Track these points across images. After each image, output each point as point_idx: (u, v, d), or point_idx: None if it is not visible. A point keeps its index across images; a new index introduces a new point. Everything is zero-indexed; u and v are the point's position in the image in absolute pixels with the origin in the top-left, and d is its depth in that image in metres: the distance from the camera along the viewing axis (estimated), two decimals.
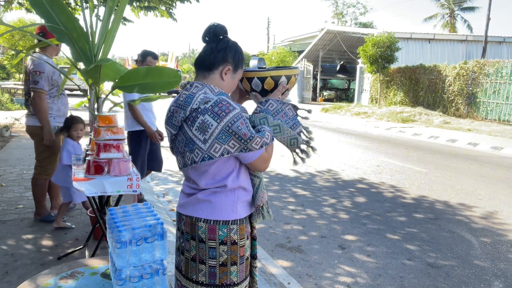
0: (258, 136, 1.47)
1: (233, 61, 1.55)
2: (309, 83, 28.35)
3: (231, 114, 1.43)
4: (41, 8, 2.83)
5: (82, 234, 3.45)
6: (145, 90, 3.12)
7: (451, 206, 5.04)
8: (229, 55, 1.54)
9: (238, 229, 1.53)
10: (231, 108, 1.43)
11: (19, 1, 8.44)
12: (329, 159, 7.81)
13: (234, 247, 1.52)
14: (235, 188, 1.53)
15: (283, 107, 1.64)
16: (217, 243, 1.51)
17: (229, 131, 1.43)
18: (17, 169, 5.59)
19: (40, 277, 1.64)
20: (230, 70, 1.55)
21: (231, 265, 1.52)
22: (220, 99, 1.45)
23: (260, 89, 1.66)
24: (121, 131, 2.66)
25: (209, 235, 1.51)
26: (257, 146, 1.47)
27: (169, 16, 8.46)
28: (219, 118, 1.42)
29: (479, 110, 15.04)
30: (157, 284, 1.49)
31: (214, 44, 1.54)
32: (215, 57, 1.53)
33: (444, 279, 3.11)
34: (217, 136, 1.43)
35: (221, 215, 1.51)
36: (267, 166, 1.58)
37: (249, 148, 1.46)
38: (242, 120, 1.44)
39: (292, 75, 1.67)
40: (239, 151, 1.46)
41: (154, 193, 5.05)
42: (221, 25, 1.57)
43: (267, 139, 1.51)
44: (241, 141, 1.44)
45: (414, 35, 21.43)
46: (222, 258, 1.51)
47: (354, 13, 46.27)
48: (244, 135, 1.43)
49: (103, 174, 2.57)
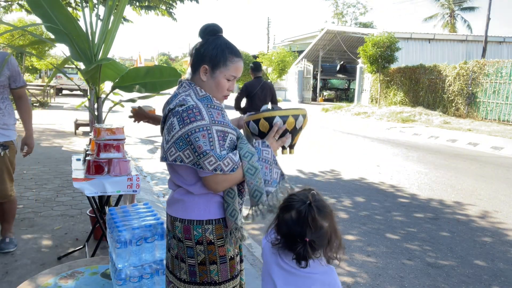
0: (214, 157, 1.37)
1: (209, 60, 1.48)
2: (309, 83, 28.35)
3: (195, 123, 1.38)
4: (40, 10, 2.83)
5: (82, 234, 3.45)
6: (145, 89, 3.13)
7: (451, 206, 5.04)
8: (206, 55, 1.48)
9: (214, 229, 1.49)
10: (198, 118, 1.39)
11: (19, 3, 8.44)
12: (329, 158, 7.81)
13: (211, 247, 1.49)
14: (204, 193, 1.49)
15: (273, 165, 1.52)
16: (193, 242, 1.49)
17: (187, 140, 1.38)
18: (17, 169, 5.57)
19: (40, 277, 1.64)
20: (208, 70, 1.49)
21: (210, 264, 1.49)
22: (193, 106, 1.41)
23: (257, 132, 1.55)
24: (121, 131, 2.66)
25: (184, 234, 1.49)
26: (210, 166, 1.37)
27: (169, 15, 8.47)
28: (183, 124, 1.39)
29: (479, 110, 15.04)
30: (157, 284, 1.49)
31: (199, 43, 1.52)
32: (194, 57, 1.52)
33: (444, 279, 3.11)
34: (175, 141, 1.41)
35: (193, 215, 1.48)
36: (219, 189, 1.45)
37: (201, 165, 1.37)
38: (204, 132, 1.38)
39: (289, 116, 1.51)
40: (191, 164, 1.40)
41: (154, 193, 5.05)
42: (208, 24, 1.53)
43: (225, 166, 1.38)
44: (195, 154, 1.38)
45: (414, 35, 21.42)
46: (200, 257, 1.49)
47: (354, 13, 46.24)
48: (199, 147, 1.36)
49: (103, 174, 2.58)
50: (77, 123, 8.93)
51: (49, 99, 17.07)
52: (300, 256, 1.23)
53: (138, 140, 8.96)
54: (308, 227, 1.20)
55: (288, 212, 1.26)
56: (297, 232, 1.22)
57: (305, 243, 1.20)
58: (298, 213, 1.23)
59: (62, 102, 18.30)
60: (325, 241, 1.25)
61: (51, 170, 5.61)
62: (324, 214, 1.24)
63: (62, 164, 6.00)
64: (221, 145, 1.42)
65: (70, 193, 4.61)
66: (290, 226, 1.24)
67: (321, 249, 1.25)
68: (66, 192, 4.65)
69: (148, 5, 8.25)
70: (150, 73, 3.10)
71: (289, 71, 29.56)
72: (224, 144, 1.44)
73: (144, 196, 4.52)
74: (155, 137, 9.53)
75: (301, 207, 1.23)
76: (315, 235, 1.22)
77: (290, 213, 1.25)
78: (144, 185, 5.22)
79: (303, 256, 1.22)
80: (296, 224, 1.22)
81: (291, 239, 1.24)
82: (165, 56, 71.16)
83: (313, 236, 1.21)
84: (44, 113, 13.22)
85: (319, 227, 1.22)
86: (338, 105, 21.31)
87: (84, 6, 3.29)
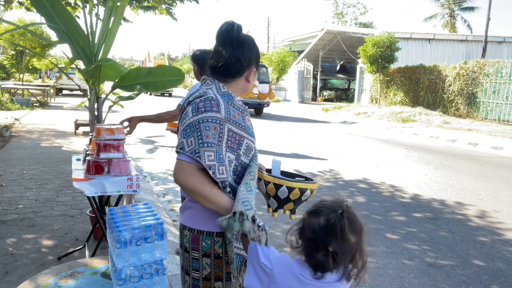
0: (215, 154, 1.29)
1: (255, 62, 1.48)
2: (309, 83, 28.34)
3: (210, 113, 1.31)
4: (42, 9, 2.84)
5: (82, 234, 3.45)
6: (147, 89, 3.13)
7: (451, 206, 5.04)
8: (252, 58, 1.45)
9: (224, 243, 1.40)
10: (214, 109, 1.32)
11: (19, 0, 8.45)
12: (329, 158, 7.81)
13: (219, 261, 1.40)
14: None
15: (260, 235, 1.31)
16: (200, 254, 1.40)
17: (196, 127, 1.29)
18: (17, 169, 5.59)
19: (40, 277, 1.63)
20: (255, 71, 1.50)
21: (215, 281, 1.41)
22: (212, 98, 1.34)
23: (265, 191, 1.51)
24: (121, 131, 2.66)
25: (192, 245, 1.40)
26: (207, 161, 1.28)
27: (167, 14, 8.48)
28: (197, 112, 1.31)
29: (479, 110, 15.04)
30: (157, 284, 1.49)
31: (239, 51, 1.42)
32: (241, 65, 1.43)
33: (444, 279, 3.11)
34: (184, 128, 1.32)
35: (205, 225, 1.40)
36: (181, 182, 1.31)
37: (199, 153, 1.27)
38: (216, 125, 1.30)
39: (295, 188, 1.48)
40: (189, 153, 1.29)
41: (154, 193, 5.05)
42: (237, 25, 1.43)
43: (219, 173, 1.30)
44: (199, 142, 1.28)
45: (414, 35, 21.42)
46: (206, 271, 1.40)
47: (354, 13, 46.33)
48: (206, 136, 1.28)
49: (103, 174, 2.58)
50: (77, 123, 8.93)
51: (49, 99, 17.05)
52: (320, 264, 1.16)
53: (138, 140, 8.96)
54: (335, 237, 1.14)
55: (316, 217, 1.18)
56: (322, 239, 1.15)
57: (327, 252, 1.14)
58: (327, 220, 1.15)
59: (62, 102, 18.30)
60: (348, 257, 1.17)
61: (51, 170, 5.61)
62: (354, 228, 1.17)
63: (62, 164, 6.00)
64: (229, 146, 1.35)
65: (70, 193, 4.61)
66: (315, 231, 1.16)
67: (342, 264, 1.18)
68: (66, 192, 4.65)
69: (147, 5, 8.25)
70: (152, 73, 3.10)
71: (289, 71, 29.57)
72: (239, 148, 1.37)
73: (144, 196, 4.52)
74: (155, 137, 9.53)
75: (331, 215, 1.16)
76: (339, 247, 1.15)
77: (318, 218, 1.17)
78: (144, 185, 5.22)
79: (322, 265, 1.16)
80: (323, 231, 1.15)
81: (314, 245, 1.17)
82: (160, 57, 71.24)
83: (337, 248, 1.14)
84: (44, 113, 13.22)
85: (346, 240, 1.15)
86: (338, 105, 21.32)
87: (84, 6, 3.29)
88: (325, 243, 1.15)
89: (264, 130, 11.67)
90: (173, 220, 4.06)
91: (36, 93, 16.24)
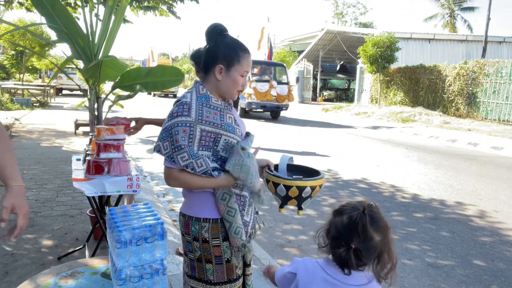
0: (188, 153, 1.42)
1: (224, 59, 1.51)
2: (309, 83, 28.34)
3: (180, 118, 1.43)
4: (43, 9, 2.84)
5: (82, 234, 3.45)
6: (147, 88, 3.13)
7: (451, 206, 5.04)
8: (219, 54, 1.51)
9: (210, 227, 1.52)
10: (185, 114, 1.44)
11: (20, 1, 8.45)
12: (329, 158, 7.81)
13: (206, 245, 1.52)
14: (201, 191, 1.54)
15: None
16: (191, 238, 1.55)
17: (169, 132, 1.45)
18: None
19: (40, 277, 1.63)
20: (223, 69, 1.51)
21: (206, 263, 1.54)
22: (185, 102, 1.46)
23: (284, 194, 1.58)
24: (121, 131, 2.65)
25: (185, 229, 1.57)
26: (182, 162, 1.43)
27: (167, 15, 8.47)
28: (171, 117, 1.46)
29: (479, 110, 15.04)
30: (157, 284, 1.49)
31: (208, 46, 1.55)
32: (206, 58, 1.54)
33: (444, 279, 3.11)
34: (161, 131, 1.49)
35: (192, 211, 1.55)
36: (173, 185, 1.53)
37: (174, 159, 1.44)
38: (186, 128, 1.42)
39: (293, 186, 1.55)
40: (167, 156, 1.46)
41: (154, 193, 5.05)
42: (214, 24, 1.55)
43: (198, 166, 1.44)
44: (172, 147, 1.44)
45: (414, 35, 21.43)
46: (197, 253, 1.55)
47: (354, 13, 46.33)
48: (176, 141, 1.42)
49: (103, 174, 2.57)
50: (77, 123, 8.92)
51: (49, 99, 17.05)
52: (341, 260, 1.19)
53: (138, 140, 8.95)
54: (357, 234, 1.17)
55: (340, 216, 1.22)
56: (344, 236, 1.18)
57: (349, 249, 1.17)
58: (349, 217, 1.19)
59: (62, 102, 18.29)
60: (373, 255, 1.20)
61: (51, 170, 5.61)
62: (377, 227, 1.20)
63: (62, 164, 6.00)
64: (203, 145, 1.46)
65: (70, 193, 4.61)
66: (339, 229, 1.20)
67: (368, 263, 1.21)
68: (66, 192, 4.65)
69: (147, 5, 8.25)
70: (152, 73, 3.10)
71: (289, 71, 29.55)
72: (215, 145, 1.48)
73: (144, 196, 4.52)
74: (155, 137, 9.52)
75: (353, 213, 1.19)
76: (363, 245, 1.17)
77: (341, 217, 1.21)
78: (144, 185, 5.22)
79: (344, 261, 1.19)
80: (345, 228, 1.19)
81: (337, 242, 1.20)
82: (165, 56, 71.15)
83: (360, 245, 1.17)
84: (44, 113, 13.22)
85: (369, 238, 1.17)
86: (338, 105, 21.32)
87: (84, 6, 3.29)
88: (347, 240, 1.18)
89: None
90: (173, 220, 4.05)
91: (36, 93, 16.24)
